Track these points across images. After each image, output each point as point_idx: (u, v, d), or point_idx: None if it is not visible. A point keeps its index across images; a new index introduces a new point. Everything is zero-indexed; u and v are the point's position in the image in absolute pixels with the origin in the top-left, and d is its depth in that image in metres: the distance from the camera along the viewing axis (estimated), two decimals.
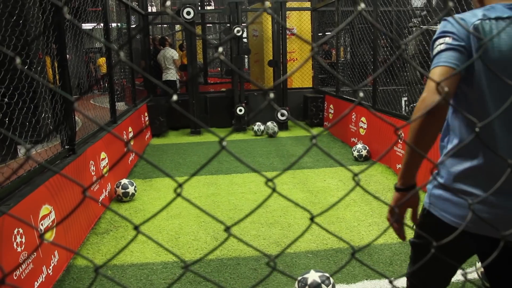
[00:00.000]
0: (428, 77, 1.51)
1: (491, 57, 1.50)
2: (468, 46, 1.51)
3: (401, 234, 1.68)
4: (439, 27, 1.59)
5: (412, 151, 1.55)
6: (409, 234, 1.76)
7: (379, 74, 6.69)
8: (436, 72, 1.51)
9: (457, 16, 1.53)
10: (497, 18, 1.51)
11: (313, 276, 2.75)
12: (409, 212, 1.66)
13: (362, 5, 0.71)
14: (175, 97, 0.68)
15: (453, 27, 1.54)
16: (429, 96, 1.46)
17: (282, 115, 8.81)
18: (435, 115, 1.47)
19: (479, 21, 1.52)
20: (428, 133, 1.50)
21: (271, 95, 0.73)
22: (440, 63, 1.51)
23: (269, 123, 8.34)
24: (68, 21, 4.28)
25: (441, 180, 1.68)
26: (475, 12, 1.56)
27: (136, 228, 0.77)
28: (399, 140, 5.42)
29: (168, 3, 0.63)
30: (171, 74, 9.68)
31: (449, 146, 1.67)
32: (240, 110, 8.61)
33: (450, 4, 1.01)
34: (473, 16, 1.54)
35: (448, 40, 1.53)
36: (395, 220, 1.65)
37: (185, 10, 8.15)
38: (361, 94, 0.81)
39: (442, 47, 1.53)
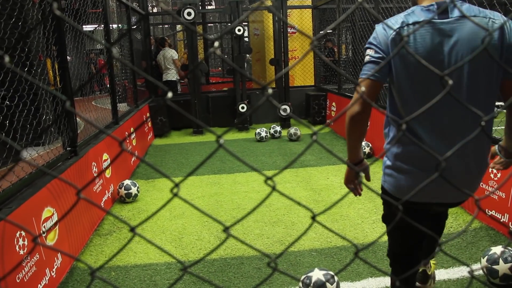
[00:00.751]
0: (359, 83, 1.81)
1: (409, 61, 1.72)
2: (388, 54, 1.74)
3: (357, 192, 2.08)
4: (371, 36, 1.83)
5: (349, 140, 1.94)
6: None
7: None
8: (361, 84, 1.78)
9: (380, 26, 1.79)
10: (414, 23, 1.71)
11: (317, 274, 2.73)
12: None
13: None
14: (170, 94, 0.66)
15: (376, 38, 1.79)
16: (353, 106, 1.81)
17: (284, 110, 8.77)
18: (356, 119, 1.84)
19: (398, 29, 1.72)
20: (355, 131, 1.89)
21: (270, 90, 0.71)
22: (363, 75, 1.80)
23: (292, 130, 8.05)
24: (68, 22, 4.27)
25: (388, 162, 2.01)
26: (397, 19, 1.76)
27: (132, 229, 0.75)
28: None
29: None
30: (171, 75, 9.68)
31: (391, 134, 1.98)
32: (243, 108, 8.59)
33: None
34: (395, 23, 1.75)
35: (371, 52, 1.79)
36: (353, 185, 2.07)
37: (186, 11, 8.15)
38: (363, 89, 0.79)
39: (366, 59, 1.80)
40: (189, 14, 8.13)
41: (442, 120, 1.79)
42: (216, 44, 0.63)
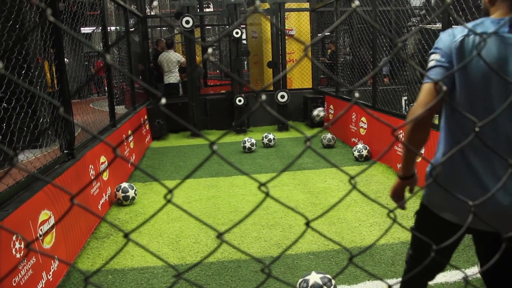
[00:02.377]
0: (422, 83, 1.77)
1: (471, 71, 1.67)
2: (451, 61, 1.70)
3: (402, 205, 1.90)
4: (436, 42, 1.79)
5: (407, 149, 1.89)
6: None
7: (378, 74, 6.67)
8: (426, 87, 1.73)
9: (446, 33, 1.76)
10: (482, 34, 1.61)
11: (314, 277, 2.73)
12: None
13: (357, 2, 0.69)
14: (163, 101, 0.66)
15: (442, 43, 1.74)
16: (416, 108, 1.73)
17: (282, 97, 8.74)
18: (421, 124, 1.74)
19: (462, 37, 1.68)
20: (418, 138, 1.79)
21: (263, 97, 0.71)
22: (429, 79, 1.72)
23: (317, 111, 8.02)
24: (65, 25, 4.27)
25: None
26: (463, 28, 1.70)
27: (126, 235, 0.75)
28: (398, 140, 5.40)
29: (155, 3, 0.61)
30: (174, 77, 9.64)
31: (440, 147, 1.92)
32: (240, 101, 8.57)
33: (448, 0, 0.99)
34: (461, 31, 1.70)
35: (437, 57, 1.74)
36: (398, 198, 2.00)
37: (184, 19, 8.18)
38: (357, 94, 0.80)
39: (432, 63, 1.74)
40: (187, 22, 8.16)
41: (498, 140, 1.71)
42: (210, 50, 0.63)
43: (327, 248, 3.57)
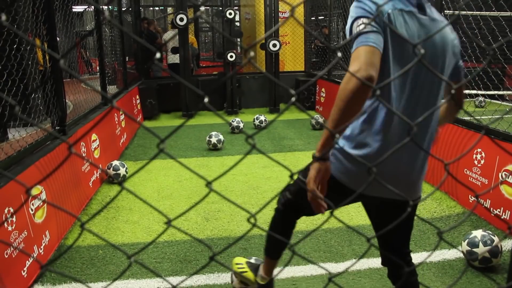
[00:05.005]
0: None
1: (403, 45, 1.69)
2: (385, 32, 1.66)
3: (321, 207, 1.65)
4: (357, 6, 1.70)
5: (343, 116, 1.53)
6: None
7: None
8: (362, 51, 1.55)
9: (369, 1, 1.67)
10: (401, 10, 1.70)
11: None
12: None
13: None
14: (158, 55, 0.69)
15: (369, 10, 1.66)
16: (363, 69, 1.51)
17: (274, 46, 8.71)
18: (365, 89, 1.51)
19: (390, 10, 1.68)
20: (357, 104, 1.53)
21: (252, 53, 0.74)
22: (370, 43, 1.57)
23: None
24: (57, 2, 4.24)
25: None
26: (385, 2, 1.68)
27: (120, 183, 0.78)
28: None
29: (202, 8, 0.63)
30: (177, 57, 9.51)
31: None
32: (231, 56, 8.55)
33: None
34: (385, 4, 1.68)
35: (369, 21, 1.63)
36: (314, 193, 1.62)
37: (178, 17, 8.18)
38: (339, 54, 0.83)
39: (368, 28, 1.61)
40: (181, 19, 8.17)
41: (414, 106, 1.77)
42: (202, 8, 0.66)
43: (315, 227, 3.63)
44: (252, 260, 2.73)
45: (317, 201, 1.62)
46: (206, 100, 0.69)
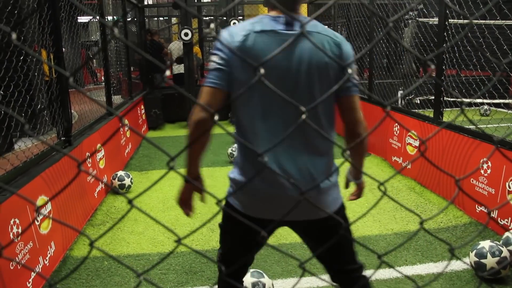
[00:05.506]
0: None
1: (250, 70, 1.64)
2: (232, 61, 1.68)
3: (189, 211, 1.92)
4: (217, 40, 1.81)
5: (189, 150, 1.80)
6: None
7: (375, 67, 6.70)
8: (203, 91, 1.71)
9: (225, 32, 1.74)
10: (261, 32, 1.69)
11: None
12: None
13: None
14: (167, 73, 0.68)
15: (221, 44, 1.73)
16: (195, 113, 1.69)
17: (186, 35, 8.54)
18: (201, 128, 1.69)
19: (243, 37, 1.68)
20: (197, 140, 1.77)
21: (211, 25, 0.74)
22: (207, 83, 1.71)
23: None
24: (63, 13, 4.27)
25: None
26: (244, 25, 1.73)
27: (130, 202, 0.78)
28: (395, 129, 5.44)
29: (212, 25, 0.63)
30: (182, 67, 9.50)
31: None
32: (234, 23, 8.49)
33: None
34: (242, 30, 1.71)
35: (216, 58, 1.71)
36: (186, 204, 1.90)
37: (183, 32, 8.20)
38: (350, 71, 0.82)
39: (211, 66, 1.71)
40: (186, 34, 8.19)
41: (279, 133, 1.73)
42: (212, 26, 0.66)
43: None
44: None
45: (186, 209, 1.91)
46: (216, 118, 0.68)
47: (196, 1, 11.34)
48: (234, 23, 8.41)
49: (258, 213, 1.81)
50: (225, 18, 9.45)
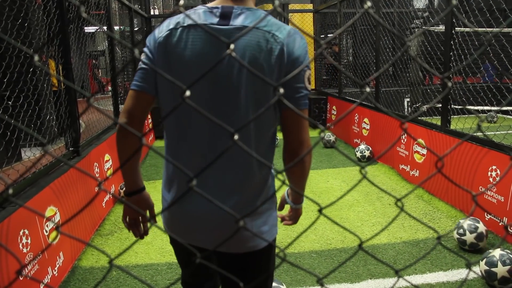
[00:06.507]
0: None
1: (176, 67, 1.46)
2: (156, 61, 1.49)
3: (140, 234, 1.70)
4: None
5: (120, 163, 1.61)
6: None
7: (381, 75, 6.70)
8: (128, 95, 1.54)
9: (163, 23, 1.52)
10: (189, 26, 1.45)
11: None
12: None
13: (369, 3, 0.72)
14: (187, 93, 0.68)
15: (149, 40, 1.53)
16: (119, 119, 1.54)
17: None
18: (121, 135, 1.56)
19: (168, 32, 1.46)
20: (123, 150, 1.58)
21: (231, 46, 0.74)
22: (132, 85, 1.53)
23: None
24: (72, 23, 4.31)
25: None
26: (175, 18, 1.50)
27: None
28: (403, 137, 5.44)
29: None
30: None
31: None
32: None
33: (454, 2, 1.02)
34: (169, 24, 1.49)
35: (142, 57, 1.52)
36: (131, 224, 1.69)
37: None
38: (368, 89, 0.82)
39: (139, 65, 1.53)
40: None
41: (202, 141, 1.50)
42: (232, 46, 0.66)
43: (330, 247, 3.60)
44: None
45: (133, 229, 1.70)
46: (236, 137, 0.67)
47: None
48: None
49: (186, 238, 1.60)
50: None
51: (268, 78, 1.39)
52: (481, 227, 3.44)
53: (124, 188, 1.84)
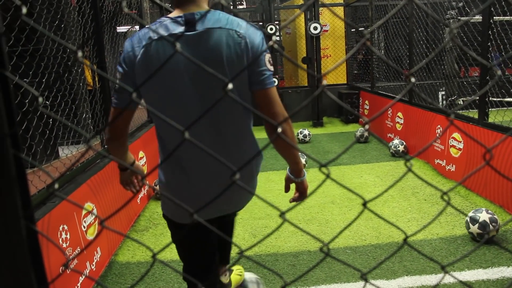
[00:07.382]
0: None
1: (164, 77, 1.63)
2: (136, 77, 1.64)
3: (133, 189, 2.14)
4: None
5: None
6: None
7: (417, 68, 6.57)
8: (110, 111, 1.77)
9: (127, 43, 1.66)
10: (159, 39, 1.59)
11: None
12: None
13: None
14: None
15: (124, 57, 1.66)
16: (105, 134, 1.87)
17: (315, 28, 8.56)
18: (109, 143, 1.86)
19: (143, 49, 1.60)
20: (113, 150, 1.91)
21: (230, 85, 0.73)
22: (112, 103, 1.74)
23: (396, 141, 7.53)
24: (105, 23, 4.38)
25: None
26: (144, 33, 1.63)
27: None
28: (438, 131, 5.32)
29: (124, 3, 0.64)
30: None
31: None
32: (271, 29, 8.50)
33: None
34: (141, 40, 1.62)
35: (118, 75, 1.67)
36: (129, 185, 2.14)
37: None
38: (413, 80, 0.80)
39: (117, 85, 1.74)
40: None
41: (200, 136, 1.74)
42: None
43: (365, 243, 3.56)
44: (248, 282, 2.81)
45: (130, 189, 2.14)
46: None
47: (232, 7, 11.44)
48: (271, 29, 8.42)
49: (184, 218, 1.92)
50: (261, 23, 9.50)
51: (239, 68, 1.63)
52: None
53: (155, 183, 2.29)
